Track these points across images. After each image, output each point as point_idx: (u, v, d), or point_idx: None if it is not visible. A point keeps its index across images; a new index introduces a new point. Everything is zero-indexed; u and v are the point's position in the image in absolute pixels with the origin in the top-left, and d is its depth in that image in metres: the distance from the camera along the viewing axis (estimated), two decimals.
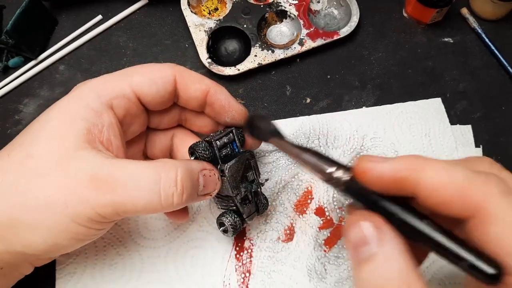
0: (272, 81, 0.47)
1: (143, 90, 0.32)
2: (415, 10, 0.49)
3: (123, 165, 0.29)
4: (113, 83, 0.32)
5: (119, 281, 0.37)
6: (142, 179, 0.28)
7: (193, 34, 0.47)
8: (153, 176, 0.28)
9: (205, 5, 0.50)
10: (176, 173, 0.29)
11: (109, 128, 0.31)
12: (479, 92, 0.47)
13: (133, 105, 0.33)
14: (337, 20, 0.51)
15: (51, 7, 0.50)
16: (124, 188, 0.28)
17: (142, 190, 0.28)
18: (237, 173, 0.34)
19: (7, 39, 0.45)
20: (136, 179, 0.28)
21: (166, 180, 0.29)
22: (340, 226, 0.40)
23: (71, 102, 0.31)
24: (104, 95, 0.31)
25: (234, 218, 0.35)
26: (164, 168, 0.29)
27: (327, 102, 0.46)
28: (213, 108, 0.35)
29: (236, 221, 0.35)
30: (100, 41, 0.49)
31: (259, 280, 0.38)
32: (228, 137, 0.35)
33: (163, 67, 0.34)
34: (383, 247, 0.22)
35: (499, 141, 0.45)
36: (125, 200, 0.28)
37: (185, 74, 0.34)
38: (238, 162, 0.34)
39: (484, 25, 0.50)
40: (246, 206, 0.36)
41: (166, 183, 0.29)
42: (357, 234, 0.23)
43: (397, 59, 0.49)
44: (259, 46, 0.47)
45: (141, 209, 0.29)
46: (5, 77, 0.47)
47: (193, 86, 0.34)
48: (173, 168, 0.29)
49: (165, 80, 0.33)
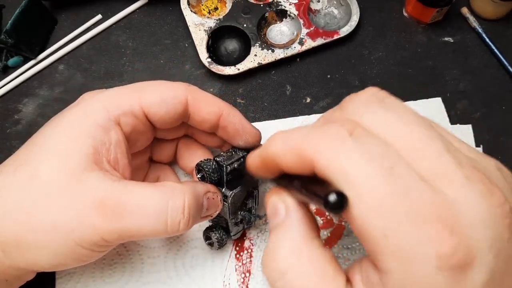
0: (272, 81, 0.47)
1: (153, 109, 0.32)
2: (415, 9, 0.49)
3: (131, 191, 0.28)
4: (122, 99, 0.31)
5: (119, 281, 0.37)
6: (149, 206, 0.28)
7: (192, 33, 0.47)
8: (161, 204, 0.28)
9: (205, 5, 0.50)
10: (183, 201, 0.29)
11: (116, 146, 0.30)
12: (480, 91, 0.47)
13: (140, 123, 0.32)
14: (337, 20, 0.51)
15: (51, 7, 0.50)
16: (131, 215, 0.28)
17: (149, 217, 0.28)
18: (238, 200, 0.34)
19: (6, 39, 0.45)
20: (143, 206, 0.28)
21: (174, 208, 0.29)
22: (340, 226, 0.40)
23: (79, 116, 0.30)
24: (112, 110, 0.30)
25: (221, 235, 0.36)
26: (172, 195, 0.29)
27: (327, 101, 0.46)
28: (226, 131, 0.34)
29: (223, 238, 0.36)
30: (99, 40, 0.49)
31: (259, 280, 0.38)
32: (240, 162, 0.34)
33: (176, 87, 0.33)
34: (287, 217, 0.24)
35: (500, 141, 0.45)
36: (131, 227, 0.28)
37: (198, 95, 0.33)
38: (242, 191, 0.34)
39: (485, 25, 0.50)
40: (236, 227, 0.37)
41: (174, 212, 0.28)
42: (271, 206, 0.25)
43: (397, 59, 0.49)
44: (259, 46, 0.47)
45: (147, 235, 0.29)
46: (5, 76, 0.47)
47: (206, 109, 0.33)
48: (181, 195, 0.29)
49: (176, 101, 0.32)
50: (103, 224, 0.27)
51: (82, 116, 0.30)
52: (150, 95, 0.32)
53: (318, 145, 0.21)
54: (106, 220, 0.27)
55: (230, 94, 0.46)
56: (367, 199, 0.19)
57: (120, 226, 0.28)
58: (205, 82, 0.47)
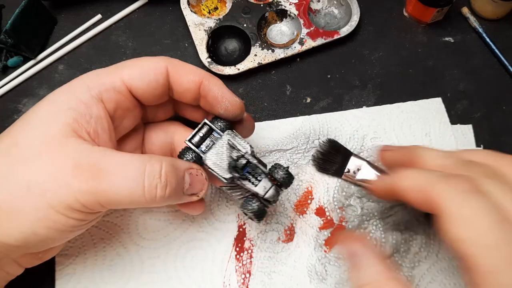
0: (272, 81, 0.47)
1: (134, 82, 0.32)
2: (416, 9, 0.49)
3: (109, 154, 0.29)
4: (103, 76, 0.32)
5: (118, 281, 0.37)
6: (126, 168, 0.28)
7: (192, 33, 0.47)
8: (138, 166, 0.28)
9: (204, 4, 0.50)
10: (161, 166, 0.29)
11: (97, 121, 0.30)
12: (480, 91, 0.47)
13: (124, 99, 0.32)
14: (338, 20, 0.51)
15: (51, 7, 0.50)
16: (107, 176, 0.28)
17: (125, 179, 0.28)
18: (220, 159, 0.33)
19: (6, 39, 0.45)
20: (121, 168, 0.28)
21: (151, 171, 0.29)
22: (341, 226, 0.40)
23: (61, 94, 0.31)
24: (94, 87, 0.31)
25: (252, 203, 0.34)
26: (149, 160, 0.29)
27: (327, 101, 0.46)
28: (207, 100, 0.34)
29: (254, 206, 0.34)
30: (99, 40, 0.49)
31: (259, 281, 0.38)
32: (202, 131, 0.34)
33: (155, 60, 0.33)
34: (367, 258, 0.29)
35: (500, 141, 0.45)
36: (107, 188, 0.27)
37: (177, 65, 0.34)
38: (216, 149, 0.33)
39: (485, 25, 0.50)
40: (257, 186, 0.34)
41: (151, 174, 0.29)
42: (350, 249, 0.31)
43: (397, 59, 0.49)
44: (259, 46, 0.47)
45: (124, 199, 0.28)
46: (4, 76, 0.47)
47: (186, 77, 0.33)
48: (158, 161, 0.29)
49: (157, 72, 0.32)
50: (78, 184, 0.27)
51: (64, 94, 0.31)
52: (131, 69, 0.32)
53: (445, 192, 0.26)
54: (82, 181, 0.27)
55: None
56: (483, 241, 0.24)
57: (96, 187, 0.27)
58: None
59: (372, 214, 0.40)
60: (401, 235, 0.40)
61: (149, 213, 0.40)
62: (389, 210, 0.41)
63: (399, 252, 0.39)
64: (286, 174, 0.34)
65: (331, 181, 0.42)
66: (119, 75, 0.32)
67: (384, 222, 0.40)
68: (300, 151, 0.43)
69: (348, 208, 0.41)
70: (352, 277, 0.30)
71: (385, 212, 0.41)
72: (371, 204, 0.41)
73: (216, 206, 0.40)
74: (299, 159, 0.42)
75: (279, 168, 0.34)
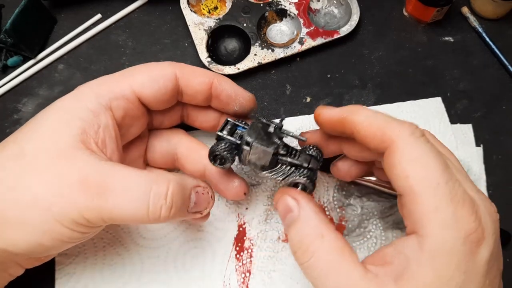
0: (272, 80, 0.47)
1: (144, 90, 0.32)
2: (416, 9, 0.49)
3: (116, 171, 0.28)
4: (112, 84, 0.32)
5: (118, 281, 0.37)
6: (132, 187, 0.28)
7: (192, 33, 0.47)
8: (144, 186, 0.28)
9: (204, 4, 0.50)
10: (167, 187, 0.29)
11: (105, 130, 0.30)
12: (480, 91, 0.47)
13: (133, 106, 0.32)
14: (337, 19, 0.51)
15: (50, 6, 0.50)
16: (113, 195, 0.28)
17: (130, 199, 0.28)
18: (259, 135, 0.31)
19: (6, 38, 0.45)
20: (127, 187, 0.28)
21: (157, 192, 0.28)
22: (341, 226, 0.40)
23: (69, 101, 0.31)
24: (102, 95, 0.31)
25: (301, 173, 0.32)
26: (156, 179, 0.29)
27: (327, 101, 0.46)
28: (220, 99, 0.35)
29: (305, 173, 0.32)
30: (99, 40, 0.49)
31: (259, 280, 0.38)
32: (228, 124, 0.33)
33: (163, 65, 0.33)
34: (301, 211, 0.28)
35: (500, 140, 0.45)
36: (112, 207, 0.28)
37: (186, 69, 0.34)
38: (251, 129, 0.32)
39: (485, 24, 0.50)
40: (298, 159, 0.32)
41: (156, 195, 0.28)
42: (283, 205, 0.29)
43: (397, 58, 0.49)
44: (259, 45, 0.47)
45: (127, 218, 0.28)
46: (4, 76, 0.47)
47: (196, 80, 0.34)
48: (165, 181, 0.29)
49: (165, 78, 0.33)
50: (84, 200, 0.27)
51: (73, 101, 0.30)
52: (140, 76, 0.32)
53: (401, 132, 0.27)
54: (88, 197, 0.27)
55: None
56: (429, 181, 0.26)
57: (101, 205, 0.27)
58: None
59: (372, 213, 0.40)
60: (401, 233, 0.40)
61: None
62: (389, 210, 0.41)
63: None
64: (317, 149, 0.33)
65: (331, 180, 0.42)
66: (129, 83, 0.32)
67: (384, 221, 0.40)
68: None
69: (348, 208, 0.41)
70: (289, 233, 0.29)
71: (385, 211, 0.41)
72: (371, 204, 0.41)
73: (216, 206, 0.40)
74: None
75: (309, 148, 0.33)
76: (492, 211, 0.27)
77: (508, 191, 0.43)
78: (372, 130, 0.29)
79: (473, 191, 0.27)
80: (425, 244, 0.25)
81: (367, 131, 0.29)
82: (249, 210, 0.40)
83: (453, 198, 0.25)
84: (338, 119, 0.31)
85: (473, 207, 0.25)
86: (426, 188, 0.26)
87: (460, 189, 0.26)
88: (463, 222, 0.25)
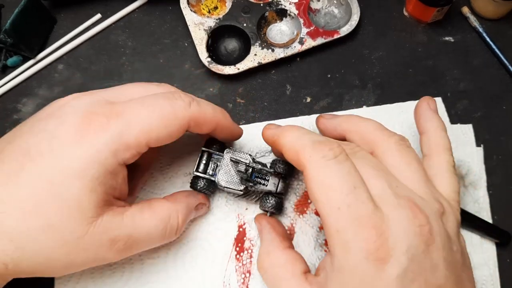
0: (272, 80, 0.47)
1: (158, 142, 0.32)
2: (416, 9, 0.49)
3: (138, 225, 0.32)
4: (130, 140, 0.30)
5: (118, 281, 0.37)
6: (153, 234, 0.33)
7: (192, 33, 0.47)
8: (161, 230, 0.33)
9: (204, 4, 0.50)
10: (178, 222, 0.35)
11: (122, 184, 0.32)
12: (480, 91, 0.47)
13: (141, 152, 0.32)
14: (338, 19, 0.50)
15: (50, 6, 0.50)
16: (138, 245, 0.33)
17: (152, 242, 0.34)
18: (230, 176, 0.37)
19: (5, 38, 0.45)
20: (149, 236, 0.33)
21: (171, 227, 0.34)
22: None
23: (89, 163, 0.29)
24: (119, 152, 0.30)
25: (270, 200, 0.38)
26: (169, 220, 0.34)
27: (328, 101, 0.46)
28: (216, 134, 0.37)
29: (272, 202, 0.38)
30: (99, 40, 0.49)
31: (259, 281, 0.38)
32: (203, 158, 0.38)
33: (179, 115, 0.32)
34: (261, 235, 0.37)
35: (500, 140, 0.45)
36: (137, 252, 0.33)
37: (199, 120, 0.33)
38: (223, 169, 0.37)
39: (485, 24, 0.50)
40: (267, 185, 0.38)
41: (171, 231, 0.34)
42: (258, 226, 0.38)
43: (397, 58, 0.49)
44: (259, 45, 0.47)
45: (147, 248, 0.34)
46: (4, 76, 0.47)
47: (206, 128, 0.34)
48: (176, 218, 0.34)
49: (180, 130, 0.32)
50: (115, 257, 0.31)
51: (93, 164, 0.29)
52: (157, 131, 0.31)
53: (312, 157, 0.29)
54: (118, 254, 0.31)
55: (230, 94, 0.46)
56: (332, 203, 0.27)
57: (129, 254, 0.32)
58: (204, 82, 0.47)
59: None
60: None
61: None
62: None
63: None
64: (286, 165, 0.38)
65: None
66: (145, 140, 0.31)
67: None
68: None
69: None
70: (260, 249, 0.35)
71: None
72: None
73: (216, 206, 0.40)
74: None
75: (279, 163, 0.38)
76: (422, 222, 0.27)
77: (508, 191, 0.43)
78: (291, 155, 0.31)
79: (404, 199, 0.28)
80: (334, 262, 0.28)
81: (288, 156, 0.31)
82: (249, 210, 0.40)
83: (354, 221, 0.27)
84: (272, 141, 0.34)
85: (378, 228, 0.26)
86: (329, 211, 0.28)
87: (365, 211, 0.27)
88: (363, 243, 0.26)
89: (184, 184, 0.41)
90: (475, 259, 0.39)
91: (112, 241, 0.30)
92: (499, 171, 0.43)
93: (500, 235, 0.40)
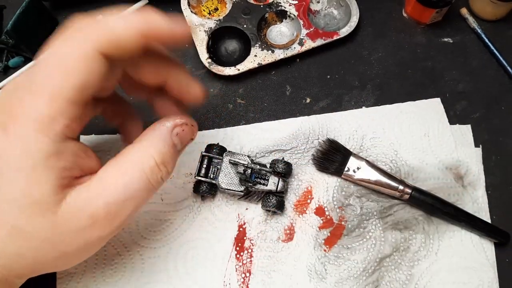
0: (272, 81, 0.47)
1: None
2: (415, 10, 0.49)
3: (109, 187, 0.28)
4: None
5: (119, 281, 0.38)
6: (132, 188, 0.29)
7: (193, 34, 0.47)
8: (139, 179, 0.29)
9: (205, 5, 0.50)
10: (154, 162, 0.30)
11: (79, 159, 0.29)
12: (479, 92, 0.47)
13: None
14: (337, 20, 0.51)
15: (51, 7, 0.50)
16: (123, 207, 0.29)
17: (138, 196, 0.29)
18: (230, 178, 0.38)
19: (7, 39, 0.45)
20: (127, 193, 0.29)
21: (151, 173, 0.29)
22: (340, 226, 0.40)
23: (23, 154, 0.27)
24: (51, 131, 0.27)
25: (271, 200, 0.39)
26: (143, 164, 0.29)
27: (327, 102, 0.46)
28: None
29: (273, 201, 0.39)
30: None
31: (259, 280, 0.38)
32: (204, 163, 0.39)
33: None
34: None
35: (499, 141, 0.45)
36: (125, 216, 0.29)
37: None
38: (223, 171, 0.38)
39: (484, 25, 0.50)
40: (267, 185, 0.39)
41: (152, 175, 0.29)
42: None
43: (396, 59, 0.49)
44: (259, 46, 0.47)
45: (140, 206, 0.30)
46: (6, 77, 0.47)
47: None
48: (149, 159, 0.30)
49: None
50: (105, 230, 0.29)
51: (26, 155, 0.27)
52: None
53: None
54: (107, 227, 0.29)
55: (230, 95, 0.47)
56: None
57: (120, 222, 0.29)
58: (205, 83, 0.47)
59: (372, 213, 0.41)
60: (400, 234, 0.40)
61: (150, 213, 0.40)
62: (388, 210, 0.41)
63: (398, 251, 0.39)
64: (285, 165, 0.40)
65: (330, 180, 0.42)
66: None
67: (383, 221, 0.40)
68: (300, 151, 0.43)
69: (347, 208, 0.41)
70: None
71: (384, 211, 0.41)
72: (371, 204, 0.41)
73: (216, 206, 0.41)
74: (299, 159, 0.43)
75: (278, 162, 0.40)
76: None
77: (507, 192, 0.43)
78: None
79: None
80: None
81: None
82: (249, 210, 0.41)
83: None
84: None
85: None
86: None
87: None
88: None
89: (186, 184, 0.41)
90: (474, 259, 0.40)
91: (91, 218, 0.28)
92: (498, 171, 0.44)
93: (499, 235, 0.40)
